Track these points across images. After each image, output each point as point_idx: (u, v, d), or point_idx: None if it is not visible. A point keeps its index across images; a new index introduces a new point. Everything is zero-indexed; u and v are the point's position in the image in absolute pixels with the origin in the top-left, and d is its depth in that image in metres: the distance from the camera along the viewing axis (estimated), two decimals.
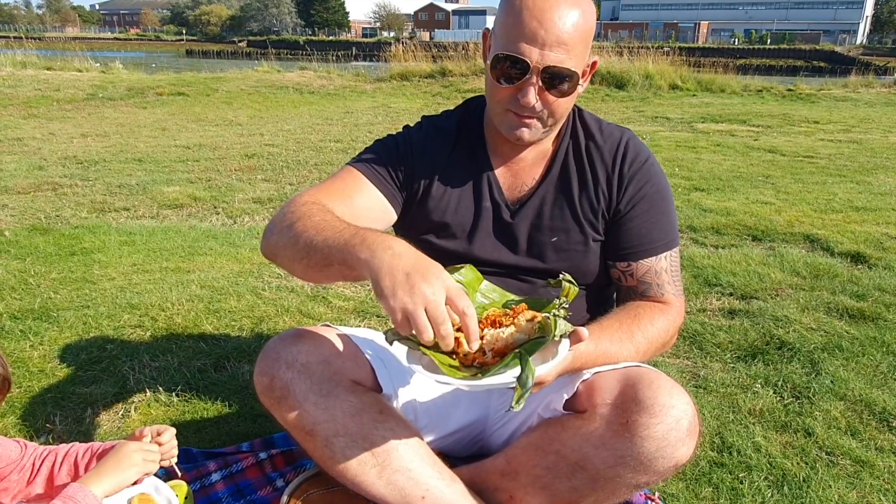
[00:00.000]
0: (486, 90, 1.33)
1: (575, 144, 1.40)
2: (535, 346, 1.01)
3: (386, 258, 0.98)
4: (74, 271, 2.99)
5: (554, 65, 1.18)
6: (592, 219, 1.38)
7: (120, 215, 4.13)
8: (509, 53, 1.19)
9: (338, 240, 1.07)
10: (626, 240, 1.37)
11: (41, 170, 5.55)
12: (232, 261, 3.21)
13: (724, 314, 2.63)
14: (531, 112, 1.23)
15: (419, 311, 0.94)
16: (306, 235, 1.13)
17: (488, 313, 1.14)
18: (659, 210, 1.38)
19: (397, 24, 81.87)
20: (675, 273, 1.40)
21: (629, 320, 1.32)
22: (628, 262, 1.38)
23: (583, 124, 1.42)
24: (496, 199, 1.39)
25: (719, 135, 8.01)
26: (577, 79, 1.24)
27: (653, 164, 1.40)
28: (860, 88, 13.64)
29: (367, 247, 1.01)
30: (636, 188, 1.36)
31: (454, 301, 0.97)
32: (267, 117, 9.45)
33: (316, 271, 1.14)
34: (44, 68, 13.47)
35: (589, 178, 1.38)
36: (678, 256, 1.41)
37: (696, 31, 67.11)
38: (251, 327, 2.45)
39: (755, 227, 3.86)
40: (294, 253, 1.16)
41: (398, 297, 0.94)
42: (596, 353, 1.21)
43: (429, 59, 15.38)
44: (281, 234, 1.21)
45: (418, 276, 0.95)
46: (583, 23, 1.21)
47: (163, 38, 79.55)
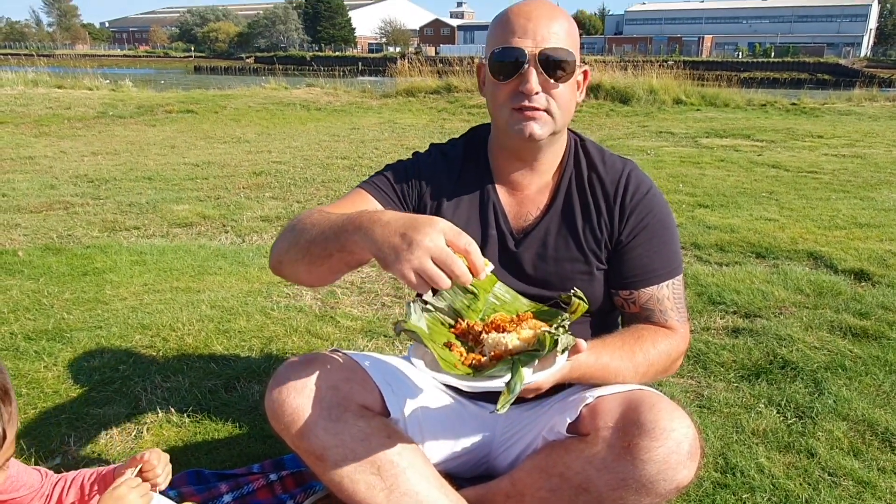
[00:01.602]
0: (489, 104, 1.37)
1: (578, 175, 1.44)
2: (530, 358, 1.05)
3: (378, 231, 1.01)
4: (87, 291, 3.05)
5: (550, 47, 1.24)
6: (595, 249, 1.41)
7: (131, 234, 4.20)
8: (506, 46, 1.24)
9: (333, 229, 1.12)
10: (629, 269, 1.40)
11: (53, 189, 5.63)
12: (241, 280, 3.26)
13: (727, 333, 2.66)
14: (536, 102, 1.26)
15: (426, 262, 0.96)
16: (306, 234, 1.18)
17: (495, 317, 1.18)
18: (661, 240, 1.41)
19: (403, 39, 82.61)
20: (678, 300, 1.42)
21: (632, 340, 1.34)
22: (630, 291, 1.41)
23: (585, 154, 1.46)
24: (502, 228, 1.43)
25: (723, 150, 8.04)
26: (574, 63, 1.28)
27: (655, 195, 1.43)
28: (864, 102, 13.67)
29: (360, 228, 1.05)
30: (638, 219, 1.39)
31: (454, 242, 0.99)
32: (274, 134, 9.55)
33: (318, 266, 1.17)
34: (55, 86, 13.67)
35: (592, 208, 1.41)
36: (682, 284, 1.44)
37: (700, 45, 67.40)
38: (261, 347, 2.49)
39: (759, 244, 3.88)
40: (296, 253, 1.20)
41: (402, 259, 0.97)
42: (595, 365, 1.24)
43: (434, 75, 15.52)
44: (284, 240, 1.25)
45: (412, 231, 0.98)
46: (568, 24, 1.29)
47: (171, 54, 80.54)
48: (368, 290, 3.16)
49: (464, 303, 1.25)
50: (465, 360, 1.10)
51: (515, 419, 1.48)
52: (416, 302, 1.18)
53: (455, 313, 1.25)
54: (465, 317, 1.24)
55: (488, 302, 1.24)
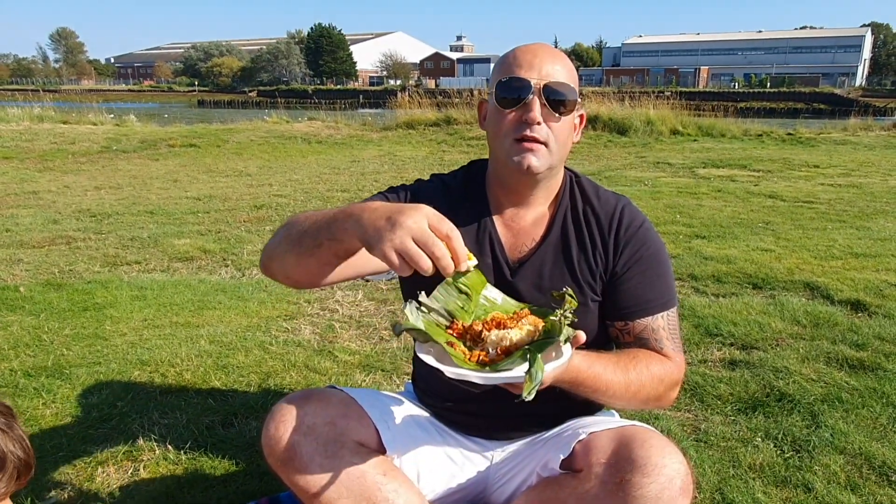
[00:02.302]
0: (490, 136, 1.41)
1: (573, 209, 1.47)
2: (545, 345, 1.06)
3: (366, 216, 1.06)
4: (87, 327, 3.07)
5: (554, 81, 1.30)
6: (591, 280, 1.43)
7: (132, 269, 4.23)
8: (512, 76, 1.30)
9: (326, 219, 1.16)
10: (623, 300, 1.42)
11: (56, 223, 5.69)
12: (240, 315, 3.28)
13: (724, 365, 2.66)
14: (537, 133, 1.31)
15: (407, 242, 0.99)
16: (298, 226, 1.23)
17: (493, 315, 1.19)
18: (654, 272, 1.43)
19: (403, 72, 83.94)
20: (672, 331, 1.44)
21: (626, 358, 1.35)
22: (626, 322, 1.43)
23: (580, 189, 1.50)
24: (498, 258, 1.45)
25: (720, 180, 8.12)
26: (574, 100, 1.34)
27: (648, 228, 1.46)
28: (859, 131, 13.83)
29: (350, 215, 1.09)
30: (632, 251, 1.42)
31: (437, 227, 1.02)
32: (276, 167, 9.67)
33: (307, 258, 1.20)
34: (60, 122, 13.88)
35: (587, 241, 1.44)
36: (676, 317, 1.46)
37: (696, 76, 68.40)
38: (259, 383, 2.50)
39: (756, 274, 3.90)
40: (287, 245, 1.24)
41: (385, 239, 1.00)
42: (588, 372, 1.23)
43: (434, 107, 15.74)
44: (277, 235, 1.29)
45: (397, 214, 1.02)
46: (570, 66, 1.36)
47: (175, 89, 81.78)
48: (367, 324, 3.18)
49: (457, 304, 1.25)
50: (471, 357, 1.11)
51: (510, 456, 1.49)
52: (411, 303, 1.18)
53: (449, 315, 1.25)
54: (458, 318, 1.24)
55: (479, 303, 1.25)
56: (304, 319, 3.23)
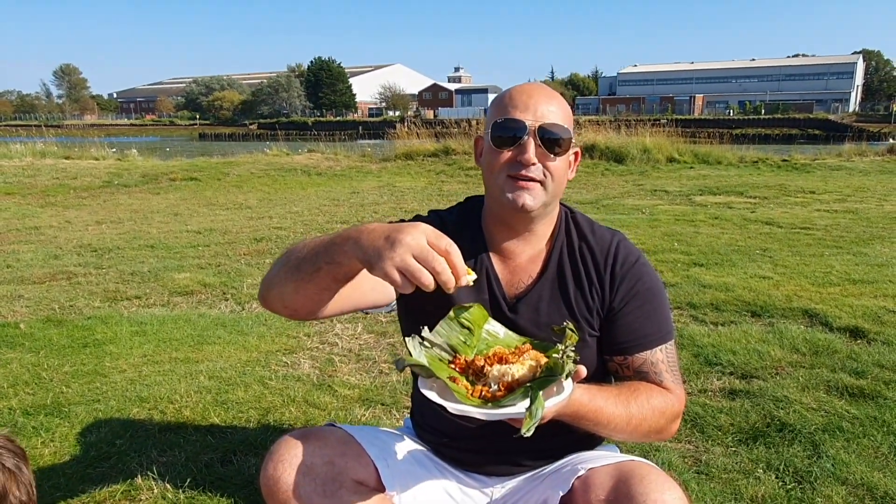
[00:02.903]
0: (485, 173, 1.44)
1: (569, 245, 1.49)
2: (546, 382, 1.07)
3: (365, 237, 1.08)
4: (87, 364, 3.07)
5: (549, 122, 1.33)
6: (588, 316, 1.45)
7: (132, 304, 4.24)
8: (508, 117, 1.33)
9: (324, 244, 1.18)
10: (621, 335, 1.44)
11: (57, 259, 5.72)
12: (240, 349, 3.28)
13: (724, 395, 2.66)
14: (532, 173, 1.33)
15: (408, 259, 1.01)
16: (296, 253, 1.25)
17: (495, 350, 1.20)
18: (651, 306, 1.45)
19: (402, 103, 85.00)
20: (671, 364, 1.45)
21: (627, 391, 1.36)
22: (625, 356, 1.44)
23: (576, 226, 1.52)
24: (496, 294, 1.47)
25: (717, 207, 8.18)
26: (570, 141, 1.37)
27: (643, 263, 1.48)
28: (854, 157, 13.96)
29: (348, 238, 1.12)
30: (628, 286, 1.44)
31: (435, 243, 1.04)
32: (276, 200, 9.74)
33: (306, 283, 1.22)
34: (62, 157, 14.02)
35: (583, 277, 1.46)
36: (674, 350, 1.47)
37: (691, 104, 69.27)
38: (258, 418, 2.49)
39: (754, 302, 3.91)
40: (286, 273, 1.25)
41: (385, 258, 1.02)
42: (589, 406, 1.24)
43: (432, 137, 15.92)
44: (275, 264, 1.31)
45: (396, 233, 1.05)
46: (564, 105, 1.39)
47: (177, 122, 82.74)
48: (366, 357, 3.18)
49: (459, 339, 1.26)
50: (473, 392, 1.12)
51: (510, 493, 1.48)
52: (414, 338, 1.19)
53: (452, 350, 1.26)
54: (461, 353, 1.25)
55: (481, 338, 1.26)
56: (304, 353, 3.23)
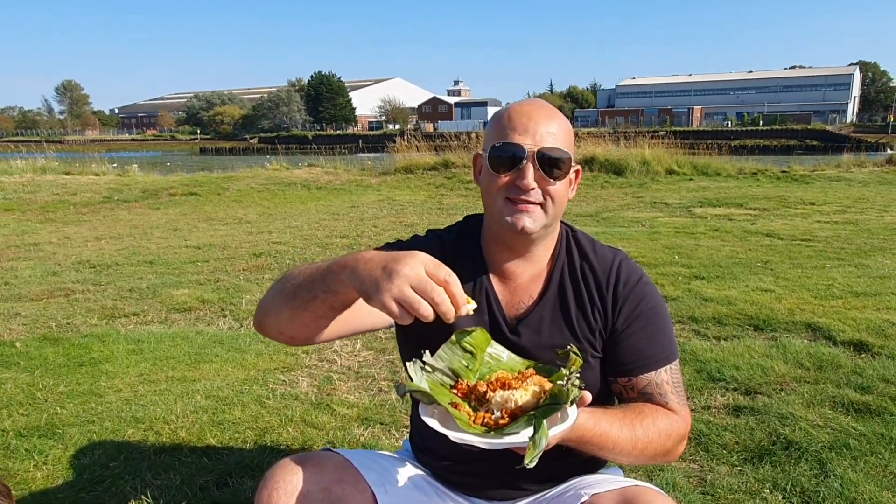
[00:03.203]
0: (484, 194, 1.42)
1: (570, 265, 1.47)
2: (550, 411, 1.04)
3: (361, 267, 1.06)
4: (82, 384, 3.03)
5: (548, 146, 1.30)
6: (590, 337, 1.42)
7: (129, 321, 4.21)
8: (506, 141, 1.30)
9: (320, 272, 1.16)
10: (625, 356, 1.41)
11: (55, 275, 5.69)
12: (237, 367, 3.25)
13: (728, 412, 2.62)
14: (531, 197, 1.31)
15: (406, 290, 0.99)
16: (293, 280, 1.22)
17: (498, 375, 1.17)
18: (655, 326, 1.42)
19: (402, 117, 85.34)
20: (676, 385, 1.43)
21: (632, 414, 1.33)
22: (629, 378, 1.41)
23: (577, 245, 1.50)
24: (496, 315, 1.44)
25: (717, 219, 8.16)
26: (570, 162, 1.34)
27: (646, 282, 1.45)
28: (853, 168, 13.98)
29: (345, 267, 1.09)
30: (631, 306, 1.41)
31: (434, 273, 1.02)
32: (275, 214, 9.73)
33: (302, 311, 1.20)
34: (63, 173, 14.04)
35: (585, 297, 1.43)
36: (679, 370, 1.44)
37: (689, 116, 69.57)
38: (255, 439, 2.45)
39: (756, 315, 3.88)
40: (282, 300, 1.23)
41: (382, 290, 1.00)
42: (594, 430, 1.21)
43: (432, 151, 15.96)
44: (271, 290, 1.28)
45: (393, 263, 1.02)
46: (564, 124, 1.36)
47: (178, 137, 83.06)
48: (365, 374, 3.14)
49: (462, 363, 1.23)
50: (476, 419, 1.09)
51: None
52: (415, 363, 1.16)
53: (453, 374, 1.23)
54: (463, 377, 1.22)
55: (484, 361, 1.23)
56: (302, 371, 3.20)
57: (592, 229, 7.35)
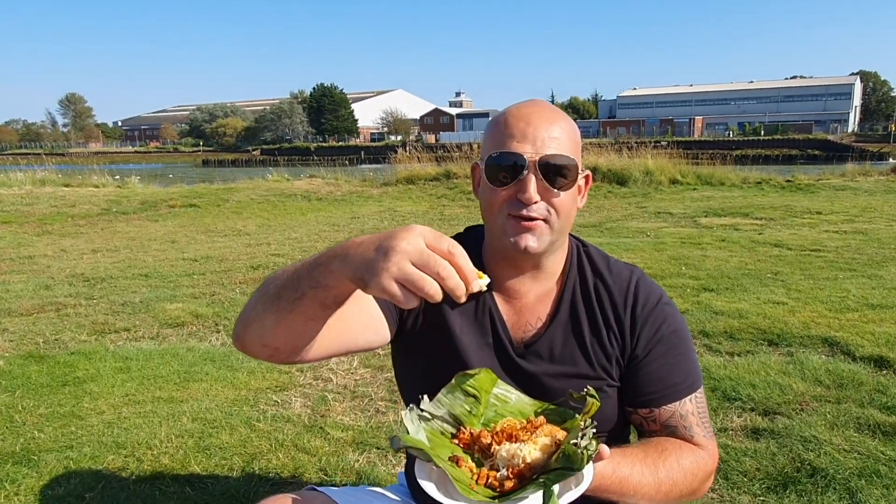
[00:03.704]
0: (483, 209, 1.27)
1: (582, 283, 1.32)
2: (562, 476, 0.92)
3: (353, 252, 0.91)
4: (64, 405, 2.88)
5: (551, 153, 1.15)
6: (606, 364, 1.28)
7: (119, 336, 4.07)
8: (504, 151, 1.16)
9: (306, 267, 1.00)
10: (647, 385, 1.27)
11: (47, 289, 5.57)
12: (228, 387, 3.10)
13: (747, 434, 2.46)
14: (535, 212, 1.17)
15: (406, 268, 0.85)
16: (276, 281, 1.06)
17: (504, 425, 1.05)
18: (678, 351, 1.28)
19: (404, 128, 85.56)
20: (702, 416, 1.29)
21: (654, 453, 1.19)
22: (650, 409, 1.27)
23: (589, 261, 1.35)
24: (501, 338, 1.30)
25: (723, 229, 8.02)
26: (576, 170, 1.19)
27: (666, 303, 1.31)
28: (858, 177, 13.85)
29: (334, 256, 0.95)
30: (651, 331, 1.27)
31: (435, 245, 0.87)
32: (275, 226, 9.62)
33: (288, 314, 1.03)
34: (62, 185, 13.97)
35: (600, 320, 1.29)
36: (704, 398, 1.30)
37: (691, 126, 69.65)
38: (242, 466, 2.30)
39: (770, 329, 3.72)
40: (264, 304, 1.07)
41: (380, 271, 0.86)
42: (613, 477, 1.09)
43: (433, 161, 15.89)
44: (252, 298, 1.11)
45: (388, 240, 0.88)
46: (570, 127, 1.19)
47: (181, 149, 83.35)
48: (362, 394, 2.99)
49: (464, 408, 1.11)
50: (479, 477, 0.96)
51: None
52: (412, 410, 1.04)
53: (455, 420, 1.10)
54: (466, 424, 1.09)
55: (489, 403, 1.11)
56: (296, 391, 3.05)
57: (596, 240, 7.21)
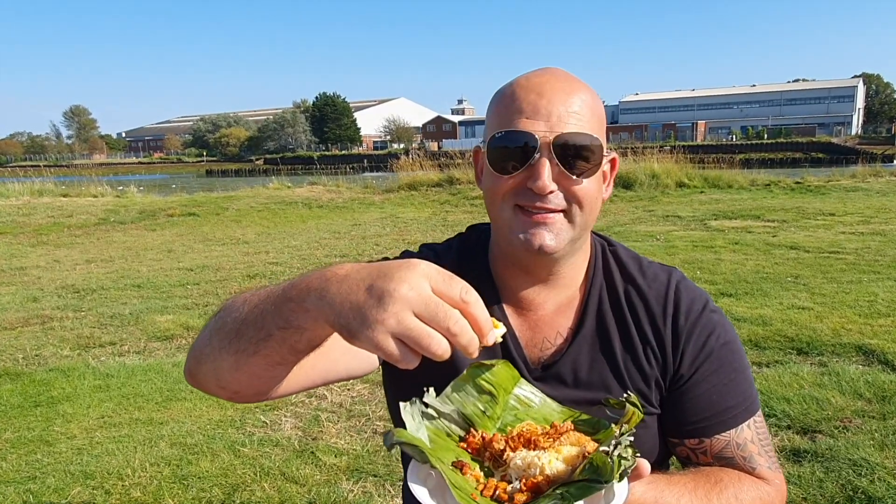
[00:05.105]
0: (487, 202, 1.03)
1: (610, 290, 1.08)
2: (587, 491, 0.71)
3: (334, 290, 0.69)
4: (33, 429, 2.65)
5: (570, 131, 0.92)
6: (644, 388, 1.03)
7: (104, 351, 3.84)
8: (511, 130, 0.93)
9: (272, 299, 0.77)
10: (695, 412, 1.03)
11: (35, 301, 5.36)
12: (213, 406, 2.86)
13: (787, 457, 2.21)
14: (550, 203, 0.94)
15: (407, 319, 0.64)
16: (234, 313, 0.83)
17: (522, 429, 0.85)
18: (731, 368, 1.04)
19: (407, 136, 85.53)
20: (764, 443, 1.04)
21: (707, 484, 0.96)
22: (700, 439, 1.03)
23: (618, 263, 1.11)
24: (514, 357, 1.05)
25: (735, 232, 7.78)
26: (600, 152, 0.95)
27: (713, 310, 1.07)
28: (869, 178, 13.60)
29: (308, 290, 0.72)
30: (698, 345, 1.03)
31: (444, 291, 0.66)
32: (274, 234, 9.41)
33: (249, 357, 0.81)
34: (60, 195, 13.82)
35: (634, 334, 1.04)
36: (763, 423, 1.06)
37: (694, 130, 69.46)
38: (222, 499, 2.06)
39: (798, 337, 3.47)
40: (220, 341, 0.84)
41: (372, 321, 0.65)
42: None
43: (436, 168, 15.71)
44: (206, 328, 0.88)
45: (383, 281, 0.66)
46: (590, 98, 0.96)
47: (184, 160, 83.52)
48: (358, 413, 2.74)
49: (477, 407, 0.91)
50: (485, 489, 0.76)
51: None
52: (414, 404, 0.83)
53: (465, 421, 0.89)
54: (478, 426, 0.89)
55: (508, 406, 0.91)
56: (287, 410, 2.81)
57: None
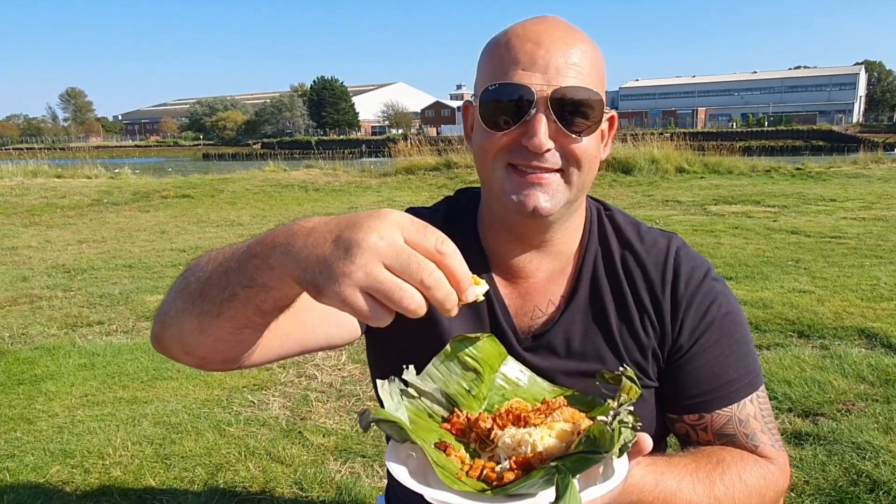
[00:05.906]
0: (477, 161, 0.96)
1: (606, 256, 1.01)
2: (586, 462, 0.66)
3: (300, 243, 0.63)
4: (15, 406, 2.58)
5: (568, 85, 0.84)
6: (641, 360, 0.98)
7: (91, 330, 3.77)
8: (504, 82, 0.85)
9: (236, 256, 0.71)
10: (694, 384, 0.98)
11: (25, 281, 5.28)
12: (199, 385, 2.79)
13: (789, 440, 2.15)
14: (546, 162, 0.88)
15: (377, 271, 0.58)
16: (199, 272, 0.78)
17: (510, 405, 0.81)
18: (733, 339, 0.98)
19: (405, 121, 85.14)
20: (767, 420, 0.99)
21: (709, 465, 0.92)
22: (700, 414, 0.98)
23: (615, 228, 1.04)
24: (502, 327, 0.99)
25: (735, 216, 7.71)
26: (601, 108, 0.88)
27: (715, 278, 1.00)
28: (870, 164, 13.51)
29: (273, 245, 0.66)
30: (699, 313, 0.97)
31: (418, 241, 0.60)
32: (270, 216, 9.33)
33: (214, 319, 0.75)
34: (54, 176, 13.69)
35: (630, 303, 0.98)
36: (766, 397, 1.00)
37: (694, 117, 69.21)
38: (205, 479, 1.99)
39: (799, 320, 3.41)
40: (185, 301, 0.78)
41: (339, 277, 0.59)
42: (655, 491, 0.82)
43: (434, 153, 15.58)
44: (170, 292, 0.82)
45: (350, 231, 0.60)
46: (590, 50, 0.89)
47: (181, 143, 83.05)
48: (349, 393, 2.68)
49: (461, 385, 0.85)
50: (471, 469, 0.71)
51: None
52: (393, 382, 0.78)
53: (449, 401, 0.84)
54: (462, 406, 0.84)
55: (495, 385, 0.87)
56: (276, 389, 2.74)
57: None
